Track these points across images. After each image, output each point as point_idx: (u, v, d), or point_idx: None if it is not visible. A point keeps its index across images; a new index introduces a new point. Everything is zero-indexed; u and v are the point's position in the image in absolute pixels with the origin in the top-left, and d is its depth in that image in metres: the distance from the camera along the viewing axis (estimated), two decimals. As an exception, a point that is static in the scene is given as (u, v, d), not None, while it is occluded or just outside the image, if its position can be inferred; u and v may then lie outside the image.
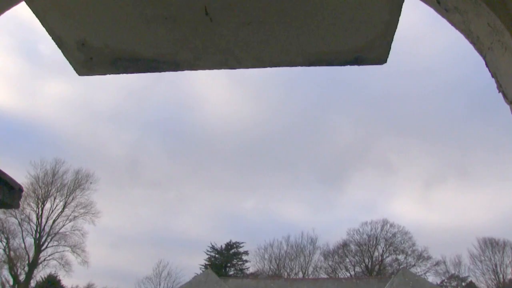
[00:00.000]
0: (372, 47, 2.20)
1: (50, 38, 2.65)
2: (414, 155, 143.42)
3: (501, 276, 57.18)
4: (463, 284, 63.18)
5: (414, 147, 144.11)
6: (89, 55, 2.43)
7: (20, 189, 3.06)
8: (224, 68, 2.39)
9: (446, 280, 62.83)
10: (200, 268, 66.19)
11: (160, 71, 2.47)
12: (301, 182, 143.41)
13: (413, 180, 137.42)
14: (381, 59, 2.26)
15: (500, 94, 2.06)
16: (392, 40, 2.28)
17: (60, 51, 2.49)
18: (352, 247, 67.82)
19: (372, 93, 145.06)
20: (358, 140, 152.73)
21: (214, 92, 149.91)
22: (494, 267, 57.67)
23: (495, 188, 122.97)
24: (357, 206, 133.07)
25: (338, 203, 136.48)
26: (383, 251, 66.37)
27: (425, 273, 62.34)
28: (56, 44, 2.56)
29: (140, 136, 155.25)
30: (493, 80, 2.12)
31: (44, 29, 2.78)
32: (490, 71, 2.10)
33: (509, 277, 56.98)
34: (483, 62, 2.11)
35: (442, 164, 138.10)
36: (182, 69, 2.41)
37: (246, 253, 70.22)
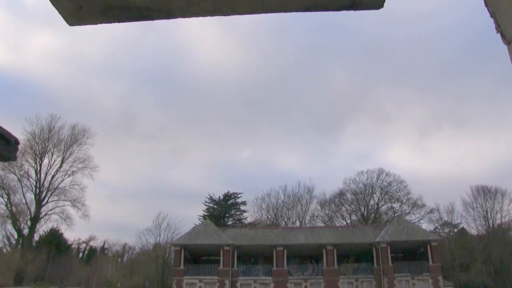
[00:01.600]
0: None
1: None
2: (409, 104, 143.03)
3: (490, 221, 58.79)
4: (455, 230, 65.00)
5: (410, 96, 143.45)
6: (79, 3, 2.35)
7: (16, 142, 3.05)
8: (218, 15, 2.33)
9: (439, 227, 64.55)
10: (199, 219, 67.69)
11: (152, 19, 2.41)
12: (297, 132, 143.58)
13: (408, 129, 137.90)
14: (378, 3, 2.19)
15: (498, 35, 2.02)
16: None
17: (46, 0, 2.41)
18: (348, 196, 69.08)
19: (367, 41, 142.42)
20: (353, 89, 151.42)
21: (206, 41, 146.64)
22: (485, 214, 59.18)
23: (489, 137, 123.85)
24: (353, 156, 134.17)
25: (333, 152, 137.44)
26: (378, 199, 67.69)
27: (419, 221, 64.02)
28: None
29: (132, 88, 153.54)
30: (489, 26, 2.07)
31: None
32: (489, 11, 2.04)
33: (498, 222, 58.60)
34: (480, 5, 2.05)
35: (437, 113, 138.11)
36: (175, 17, 2.35)
37: (244, 203, 71.53)
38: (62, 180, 64.87)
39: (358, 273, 42.02)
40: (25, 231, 62.10)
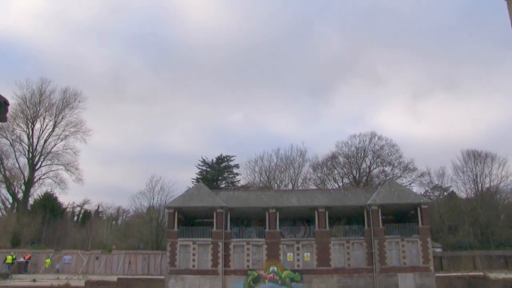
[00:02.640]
0: None
1: None
2: (402, 66, 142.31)
3: (479, 185, 59.82)
4: (445, 193, 66.15)
5: (403, 59, 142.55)
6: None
7: (5, 103, 2.97)
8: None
9: (429, 190, 65.60)
10: (192, 182, 68.11)
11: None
12: (289, 95, 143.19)
13: (401, 92, 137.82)
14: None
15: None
16: None
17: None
18: (341, 159, 69.59)
19: (360, 2, 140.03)
20: (346, 52, 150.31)
21: (198, 5, 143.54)
22: (474, 177, 60.14)
23: (482, 101, 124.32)
24: (345, 118, 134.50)
25: (326, 115, 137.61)
26: (370, 163, 68.31)
27: (410, 184, 64.95)
28: None
29: (122, 51, 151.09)
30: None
31: None
32: None
33: (487, 186, 59.63)
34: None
35: (430, 76, 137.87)
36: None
37: (237, 166, 71.90)
38: (55, 145, 64.74)
39: (349, 235, 42.87)
40: (20, 195, 62.33)
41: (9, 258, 43.30)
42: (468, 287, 39.05)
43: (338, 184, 68.50)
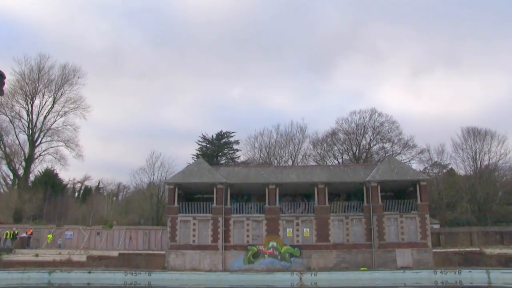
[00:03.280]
0: None
1: None
2: (402, 42, 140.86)
3: (478, 162, 59.91)
4: (444, 170, 66.34)
5: (403, 34, 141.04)
6: None
7: (1, 75, 2.90)
8: None
9: (428, 167, 65.73)
10: (192, 158, 68.34)
11: None
12: (289, 71, 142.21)
13: (401, 68, 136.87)
14: None
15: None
16: None
17: None
18: (341, 135, 69.50)
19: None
20: (346, 27, 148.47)
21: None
22: (473, 155, 60.16)
23: (483, 78, 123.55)
24: (345, 95, 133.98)
25: (326, 91, 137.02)
26: (370, 139, 68.24)
27: (409, 161, 65.07)
28: None
29: (121, 25, 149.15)
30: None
31: None
32: None
33: (485, 163, 59.73)
34: None
35: (430, 53, 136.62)
36: None
37: (236, 142, 71.97)
38: (55, 121, 64.60)
39: (348, 211, 43.17)
40: (20, 172, 62.50)
41: (6, 234, 43.90)
42: (464, 262, 39.67)
43: (337, 160, 68.64)
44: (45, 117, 63.61)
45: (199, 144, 71.50)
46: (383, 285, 36.15)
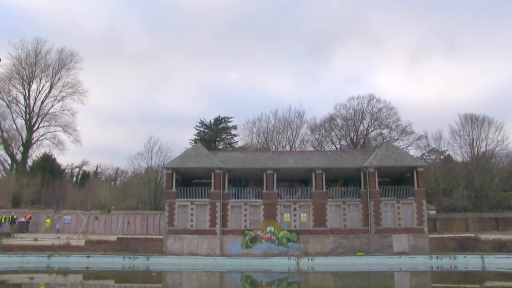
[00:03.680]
0: None
1: None
2: (401, 26, 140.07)
3: (476, 149, 60.05)
4: (441, 157, 66.51)
5: (402, 18, 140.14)
6: None
7: (-2, 59, 2.88)
8: None
9: (426, 154, 65.87)
10: (190, 143, 68.31)
11: None
12: (287, 56, 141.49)
13: (399, 53, 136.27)
14: None
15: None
16: None
17: None
18: (338, 121, 69.43)
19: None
20: (345, 12, 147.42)
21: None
22: (471, 141, 60.22)
23: (481, 65, 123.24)
24: (343, 80, 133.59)
25: (324, 77, 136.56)
26: (368, 125, 68.23)
27: (407, 147, 65.18)
28: None
29: (117, 8, 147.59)
30: None
31: None
32: None
33: (482, 150, 59.87)
34: None
35: (429, 39, 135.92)
36: None
37: (234, 127, 71.85)
38: (52, 106, 64.27)
39: (345, 197, 43.44)
40: (18, 157, 62.41)
41: (4, 218, 44.12)
42: (459, 247, 40.13)
43: (335, 146, 68.73)
44: (42, 102, 63.35)
45: (197, 129, 71.45)
46: (379, 270, 36.53)
